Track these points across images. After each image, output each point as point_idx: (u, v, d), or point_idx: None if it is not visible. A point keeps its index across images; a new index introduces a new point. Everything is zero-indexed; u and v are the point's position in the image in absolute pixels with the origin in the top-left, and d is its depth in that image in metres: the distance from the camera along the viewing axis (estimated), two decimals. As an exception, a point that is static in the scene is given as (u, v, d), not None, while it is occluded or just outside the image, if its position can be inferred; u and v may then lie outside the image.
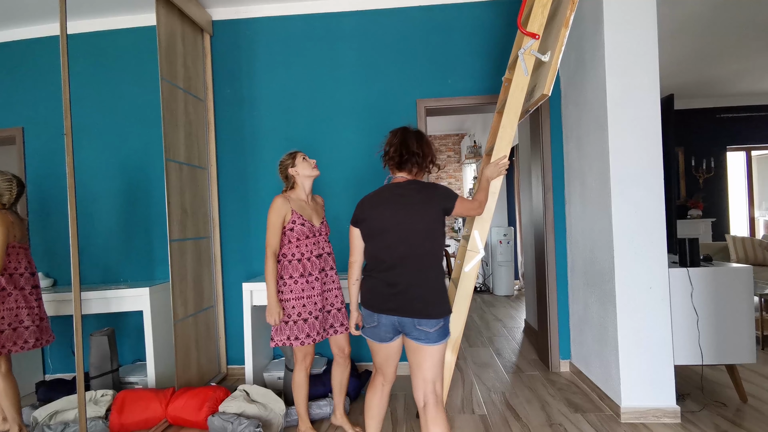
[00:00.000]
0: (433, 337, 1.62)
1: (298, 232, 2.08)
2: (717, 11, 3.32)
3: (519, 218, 6.39)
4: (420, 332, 1.62)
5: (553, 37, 2.08)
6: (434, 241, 1.65)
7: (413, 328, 1.63)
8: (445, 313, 1.64)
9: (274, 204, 2.07)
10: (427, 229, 1.64)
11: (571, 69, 2.89)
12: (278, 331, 2.08)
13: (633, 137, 2.34)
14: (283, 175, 2.18)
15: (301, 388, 2.20)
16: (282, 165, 2.17)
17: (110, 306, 2.79)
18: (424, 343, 1.63)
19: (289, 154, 2.18)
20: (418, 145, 1.73)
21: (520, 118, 2.12)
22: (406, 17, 3.22)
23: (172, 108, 2.79)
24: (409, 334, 1.65)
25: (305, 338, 2.07)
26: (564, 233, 3.11)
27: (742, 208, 6.17)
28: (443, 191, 1.70)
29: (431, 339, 1.62)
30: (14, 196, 2.23)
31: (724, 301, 2.40)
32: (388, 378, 1.84)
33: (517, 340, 3.93)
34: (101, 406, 2.42)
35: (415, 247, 1.63)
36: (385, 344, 1.73)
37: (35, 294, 2.28)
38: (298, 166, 2.14)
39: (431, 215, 1.65)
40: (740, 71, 4.76)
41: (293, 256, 2.08)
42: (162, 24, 2.73)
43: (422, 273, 1.64)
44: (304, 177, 2.15)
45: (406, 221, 1.65)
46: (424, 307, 1.62)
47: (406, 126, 1.82)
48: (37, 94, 3.06)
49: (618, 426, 2.28)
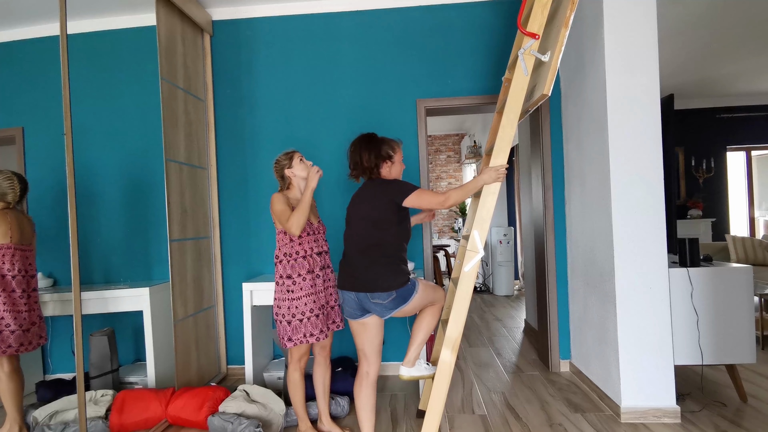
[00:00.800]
0: (390, 307, 1.94)
1: None
2: (717, 11, 3.32)
3: (519, 218, 6.39)
4: (376, 305, 1.94)
5: (553, 37, 2.07)
6: (384, 230, 1.95)
7: (369, 302, 1.95)
8: (396, 287, 1.93)
9: (274, 198, 2.04)
10: (376, 219, 1.95)
11: (571, 69, 2.89)
12: (294, 330, 2.04)
13: (633, 137, 2.34)
14: (279, 175, 2.15)
15: (297, 388, 2.19)
16: (278, 165, 2.14)
17: (110, 306, 2.79)
18: (383, 315, 1.98)
19: (286, 154, 2.14)
20: (361, 156, 2.03)
21: (520, 118, 2.12)
22: (406, 17, 3.22)
23: (172, 108, 2.79)
24: (372, 310, 1.97)
25: (319, 334, 2.05)
26: (564, 233, 3.11)
27: (742, 208, 6.17)
28: (396, 186, 1.98)
29: (388, 309, 1.95)
30: (18, 194, 2.20)
31: (724, 301, 2.40)
32: (371, 362, 2.03)
33: (517, 340, 3.93)
34: (101, 406, 2.42)
35: (366, 236, 1.97)
36: (354, 321, 2.03)
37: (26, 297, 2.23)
38: (294, 167, 2.12)
39: (380, 207, 1.95)
40: (740, 71, 4.77)
41: (297, 254, 2.06)
42: (162, 24, 2.73)
43: (371, 257, 1.95)
44: (300, 179, 2.13)
45: (359, 214, 2.00)
46: (375, 283, 1.92)
47: (357, 137, 2.10)
48: (37, 94, 3.06)
49: (618, 426, 2.28)
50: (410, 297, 1.98)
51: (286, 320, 2.05)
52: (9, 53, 3.04)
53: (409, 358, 2.14)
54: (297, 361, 2.16)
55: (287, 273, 2.06)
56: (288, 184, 2.14)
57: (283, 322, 2.06)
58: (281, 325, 2.07)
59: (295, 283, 2.05)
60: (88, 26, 3.17)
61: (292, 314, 2.04)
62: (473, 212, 2.54)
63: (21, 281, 2.21)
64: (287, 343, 2.06)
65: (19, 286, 2.20)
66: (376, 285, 1.93)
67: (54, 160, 3.04)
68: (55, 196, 3.03)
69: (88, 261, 3.17)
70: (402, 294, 1.96)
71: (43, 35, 3.04)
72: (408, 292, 1.98)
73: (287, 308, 2.05)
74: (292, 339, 2.05)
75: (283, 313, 2.06)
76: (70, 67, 2.05)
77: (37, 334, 2.29)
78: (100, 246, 3.20)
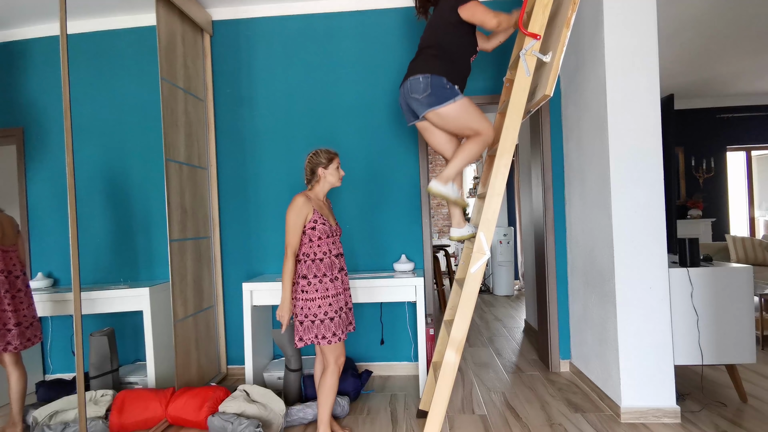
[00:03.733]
0: (424, 103, 2.18)
1: (320, 231, 2.06)
2: (717, 11, 3.32)
3: (519, 218, 6.40)
4: (413, 100, 2.21)
5: (555, 38, 2.07)
6: (443, 33, 2.25)
7: (410, 98, 2.22)
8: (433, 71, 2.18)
9: (296, 203, 2.03)
10: (435, 24, 2.29)
11: (571, 69, 2.89)
12: (306, 330, 2.04)
13: (633, 137, 2.34)
14: (309, 169, 2.13)
15: (332, 393, 2.09)
16: (316, 158, 2.11)
17: (110, 306, 2.79)
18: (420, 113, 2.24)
19: (328, 152, 2.13)
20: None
21: (521, 119, 2.12)
22: (406, 17, 3.22)
23: (172, 108, 2.79)
24: (413, 107, 2.25)
25: (332, 337, 2.04)
26: (564, 233, 3.11)
27: (742, 208, 6.17)
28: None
29: (423, 105, 2.19)
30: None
31: (724, 301, 2.40)
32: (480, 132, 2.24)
33: (517, 340, 3.93)
34: (101, 406, 2.42)
35: (425, 39, 2.32)
36: (419, 124, 2.34)
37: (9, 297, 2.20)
38: (329, 170, 2.12)
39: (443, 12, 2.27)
40: (740, 71, 4.77)
41: (315, 255, 2.05)
42: (162, 24, 2.73)
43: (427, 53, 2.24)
44: (327, 183, 2.14)
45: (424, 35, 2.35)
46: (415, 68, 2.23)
47: None
48: (37, 94, 3.05)
49: (618, 426, 2.28)
50: (446, 101, 2.14)
51: (298, 320, 2.05)
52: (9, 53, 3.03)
53: (444, 175, 2.29)
54: (334, 363, 2.08)
55: (303, 273, 2.05)
56: (315, 181, 2.14)
57: (295, 321, 2.07)
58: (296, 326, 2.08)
59: (311, 284, 2.04)
60: (88, 26, 3.17)
61: (305, 314, 2.03)
62: (477, 214, 2.54)
63: (4, 282, 2.19)
64: (299, 342, 2.05)
65: (2, 286, 2.18)
66: (415, 69, 2.18)
67: (54, 160, 3.04)
68: (55, 196, 3.03)
69: (88, 261, 3.16)
70: (437, 91, 2.13)
71: (43, 35, 3.04)
72: (444, 92, 2.14)
73: (300, 308, 2.04)
74: (303, 339, 2.04)
75: (295, 312, 2.06)
76: (70, 67, 2.05)
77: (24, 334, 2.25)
78: (101, 246, 3.20)
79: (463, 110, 2.18)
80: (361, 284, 2.77)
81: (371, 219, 3.25)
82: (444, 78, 2.16)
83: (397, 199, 3.23)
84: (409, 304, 3.23)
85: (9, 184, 2.78)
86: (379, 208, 3.25)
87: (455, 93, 2.18)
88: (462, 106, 2.18)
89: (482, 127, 2.21)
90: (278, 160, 3.30)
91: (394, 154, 3.23)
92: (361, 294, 2.78)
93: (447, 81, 2.16)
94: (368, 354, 3.26)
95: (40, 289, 2.77)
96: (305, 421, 2.44)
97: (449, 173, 2.29)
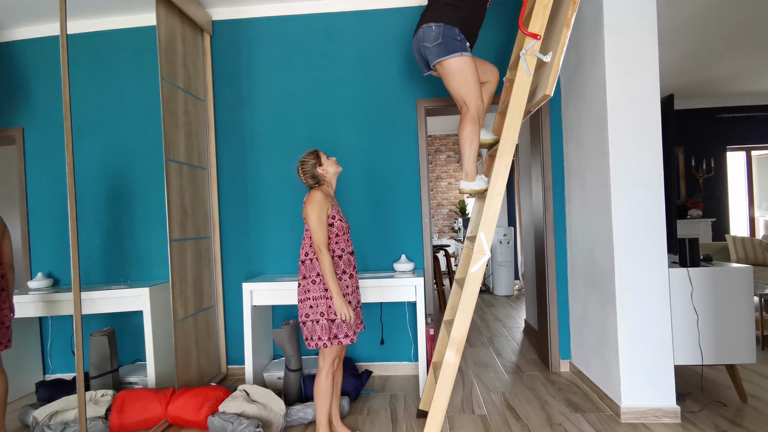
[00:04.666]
0: (434, 52, 2.20)
1: (337, 227, 2.04)
2: (717, 11, 3.32)
3: (519, 218, 6.40)
4: (425, 48, 2.24)
5: (555, 38, 2.08)
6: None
7: (421, 45, 2.25)
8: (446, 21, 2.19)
9: (315, 198, 1.99)
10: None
11: (571, 69, 2.89)
12: (323, 330, 1.99)
13: (633, 137, 2.34)
14: (309, 175, 2.10)
15: (328, 394, 2.08)
16: (307, 165, 2.10)
17: (110, 306, 2.79)
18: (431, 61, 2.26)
19: (311, 154, 2.12)
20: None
21: (522, 118, 2.12)
22: (406, 17, 3.22)
23: (172, 108, 2.79)
24: (425, 55, 2.27)
25: (353, 335, 2.04)
26: (564, 233, 3.11)
27: (742, 208, 6.17)
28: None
29: (432, 54, 2.21)
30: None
31: (724, 301, 2.40)
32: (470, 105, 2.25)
33: (517, 340, 3.93)
34: (101, 406, 2.42)
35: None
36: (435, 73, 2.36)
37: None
38: (325, 164, 2.11)
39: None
40: (740, 71, 4.76)
41: (333, 252, 2.03)
42: (162, 24, 2.73)
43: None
44: (332, 175, 2.14)
45: None
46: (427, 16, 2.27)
47: None
48: (37, 94, 3.05)
49: (618, 426, 2.28)
50: (453, 52, 2.16)
51: (313, 320, 2.01)
52: (9, 53, 3.03)
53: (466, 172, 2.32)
54: (330, 364, 2.06)
55: (317, 271, 2.01)
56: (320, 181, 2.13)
57: (308, 322, 2.01)
58: (306, 326, 2.02)
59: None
60: (88, 26, 3.17)
61: (320, 313, 2.00)
62: (478, 214, 2.54)
63: None
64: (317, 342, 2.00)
65: None
66: (429, 17, 2.19)
67: (54, 160, 3.04)
68: (55, 196, 3.03)
69: (88, 261, 3.16)
70: (447, 41, 2.15)
71: (43, 35, 3.04)
72: (453, 43, 2.16)
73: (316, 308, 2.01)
74: (322, 339, 2.00)
75: (307, 312, 2.02)
76: (70, 67, 2.05)
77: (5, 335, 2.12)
78: (100, 246, 3.20)
79: (463, 69, 2.19)
80: (362, 284, 2.78)
81: (371, 219, 3.25)
82: (456, 29, 2.18)
83: (396, 199, 3.23)
84: (409, 304, 3.23)
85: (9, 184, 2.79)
86: (379, 208, 3.25)
87: (464, 47, 2.19)
88: (464, 64, 2.19)
89: (471, 96, 2.23)
90: (278, 160, 3.30)
91: (393, 154, 3.23)
92: (361, 294, 2.79)
93: (459, 32, 2.18)
94: (368, 354, 3.26)
95: (40, 289, 2.77)
96: (305, 421, 2.44)
97: (468, 168, 2.31)
